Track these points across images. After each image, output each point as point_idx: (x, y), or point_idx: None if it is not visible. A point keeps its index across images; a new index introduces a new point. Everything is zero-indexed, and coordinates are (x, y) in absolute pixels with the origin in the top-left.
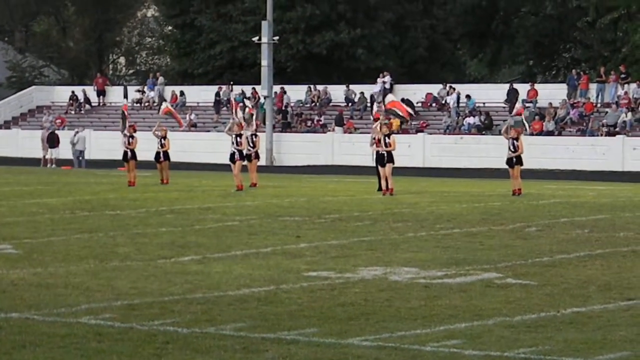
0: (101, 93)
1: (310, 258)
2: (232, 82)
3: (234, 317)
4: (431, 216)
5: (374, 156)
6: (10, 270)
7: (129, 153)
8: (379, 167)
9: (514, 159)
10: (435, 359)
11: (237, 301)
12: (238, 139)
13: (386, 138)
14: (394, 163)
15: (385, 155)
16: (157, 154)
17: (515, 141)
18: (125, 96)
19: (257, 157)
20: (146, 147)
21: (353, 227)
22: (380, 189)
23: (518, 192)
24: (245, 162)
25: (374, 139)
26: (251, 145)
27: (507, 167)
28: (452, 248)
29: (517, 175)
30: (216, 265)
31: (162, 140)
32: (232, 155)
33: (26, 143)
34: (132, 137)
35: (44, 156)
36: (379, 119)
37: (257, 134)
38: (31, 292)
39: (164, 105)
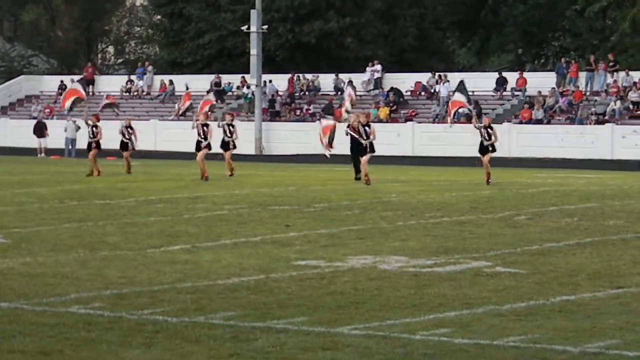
0: (90, 82)
1: (300, 247)
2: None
3: (224, 306)
4: (420, 205)
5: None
6: None
7: (93, 144)
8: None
9: (489, 147)
10: (425, 347)
11: (226, 290)
12: (204, 128)
13: (366, 128)
14: (374, 152)
15: (367, 146)
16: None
17: (489, 129)
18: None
19: (234, 146)
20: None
21: (342, 216)
22: (358, 178)
23: (488, 179)
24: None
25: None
26: (229, 134)
27: (479, 155)
28: (441, 237)
29: (487, 163)
30: (206, 255)
31: (94, 129)
32: (198, 144)
33: (15, 132)
34: (96, 127)
35: (40, 145)
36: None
37: (234, 124)
38: (20, 282)
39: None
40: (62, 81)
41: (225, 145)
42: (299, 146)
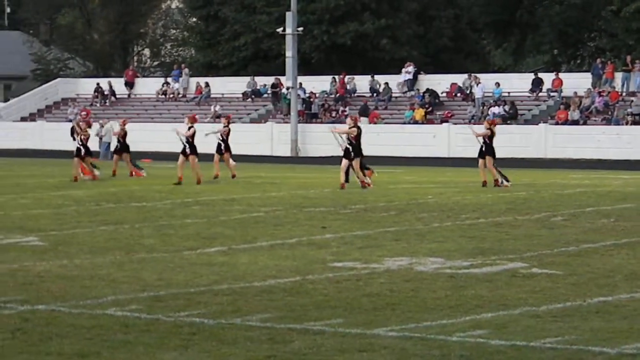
0: (130, 85)
1: (336, 249)
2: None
3: (260, 308)
4: (457, 206)
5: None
6: (37, 262)
7: (83, 150)
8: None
9: (485, 150)
10: (462, 349)
11: (263, 292)
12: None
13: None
14: (359, 157)
15: (350, 149)
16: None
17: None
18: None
19: (228, 149)
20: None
21: (378, 218)
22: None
23: (484, 184)
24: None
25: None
26: (221, 138)
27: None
28: (477, 238)
29: (490, 166)
30: (242, 256)
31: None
32: (184, 149)
33: (51, 135)
34: (86, 132)
35: None
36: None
37: (229, 126)
38: (57, 284)
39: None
40: (98, 84)
41: (218, 148)
42: (334, 148)
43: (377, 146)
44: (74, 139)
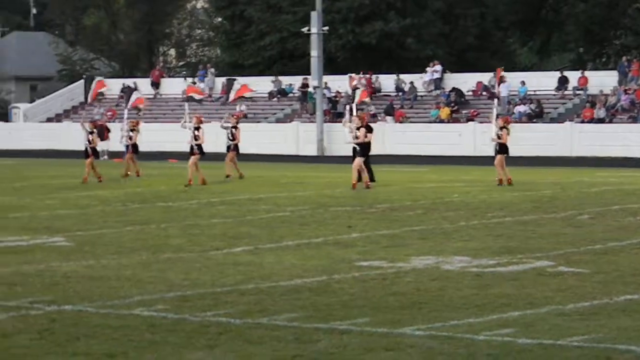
0: (155, 85)
1: (362, 248)
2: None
3: (287, 308)
4: (483, 205)
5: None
6: (63, 262)
7: (90, 150)
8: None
9: (498, 147)
10: (489, 347)
11: (289, 291)
12: (196, 132)
13: (356, 131)
14: (364, 157)
15: (358, 148)
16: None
17: (500, 130)
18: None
19: (236, 149)
20: (212, 139)
21: (404, 217)
22: (372, 180)
23: (508, 182)
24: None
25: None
26: (231, 137)
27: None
28: (504, 236)
29: (502, 164)
30: (268, 256)
31: (91, 135)
32: (191, 148)
33: (77, 136)
34: (93, 132)
35: (102, 148)
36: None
37: (238, 126)
38: (84, 285)
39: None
40: (123, 84)
41: (228, 148)
42: None
43: (403, 145)
44: (101, 140)
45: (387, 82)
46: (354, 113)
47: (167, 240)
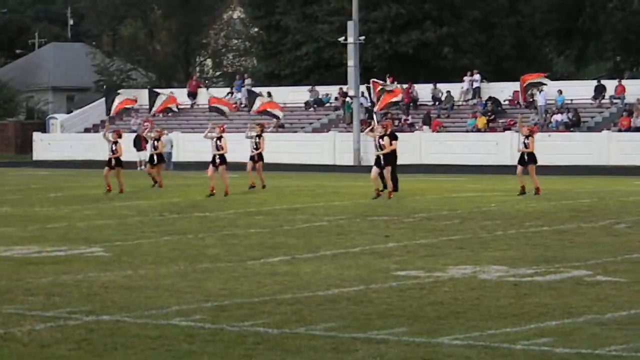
0: (192, 95)
1: (400, 257)
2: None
3: (324, 317)
4: (520, 214)
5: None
6: (101, 272)
7: (114, 160)
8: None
9: (526, 157)
10: (526, 357)
11: (326, 301)
12: (218, 142)
13: (380, 140)
14: (391, 165)
15: (382, 158)
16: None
17: (526, 139)
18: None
19: (261, 158)
20: (238, 149)
21: (442, 226)
22: (384, 188)
23: (537, 191)
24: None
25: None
26: (254, 147)
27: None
28: (541, 246)
29: (532, 173)
30: (305, 266)
31: (115, 145)
32: (213, 158)
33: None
34: (117, 142)
35: (140, 158)
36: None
37: (262, 135)
38: (122, 295)
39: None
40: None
41: (251, 157)
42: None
43: (440, 154)
44: (138, 150)
45: (423, 91)
46: (375, 121)
47: (205, 250)
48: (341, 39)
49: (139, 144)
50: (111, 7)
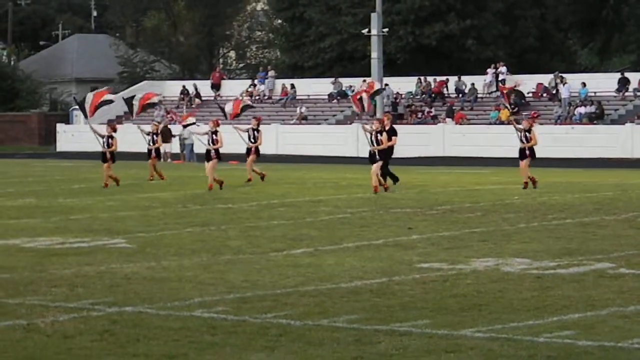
0: (216, 87)
1: (422, 250)
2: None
3: (347, 309)
4: (543, 207)
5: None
6: (124, 264)
7: (108, 154)
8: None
9: (526, 151)
10: (549, 349)
11: (349, 293)
12: (214, 136)
13: (378, 135)
14: (383, 160)
15: (377, 153)
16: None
17: (527, 133)
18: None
19: (257, 152)
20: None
21: (465, 219)
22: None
23: (533, 183)
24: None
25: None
26: (253, 140)
27: (518, 158)
28: (564, 238)
29: (525, 167)
30: (328, 258)
31: (110, 139)
32: (208, 153)
33: (138, 138)
34: (112, 137)
35: (164, 150)
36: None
37: (260, 129)
38: (144, 286)
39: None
40: (183, 86)
41: (247, 150)
42: (420, 149)
43: (463, 147)
44: (164, 142)
45: (448, 84)
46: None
47: (227, 242)
48: (364, 31)
49: (166, 136)
50: None
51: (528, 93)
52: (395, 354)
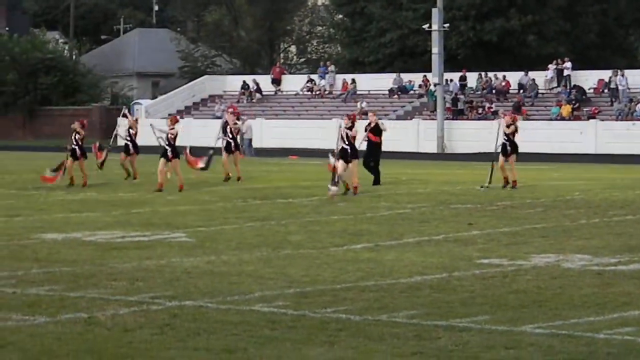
0: (276, 82)
1: (483, 245)
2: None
3: (407, 305)
4: (604, 203)
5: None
6: (184, 258)
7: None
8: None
9: (508, 147)
10: (609, 346)
11: (409, 289)
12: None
13: (347, 131)
14: (358, 159)
15: (349, 150)
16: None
17: (507, 128)
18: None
19: (237, 148)
20: (311, 136)
21: (525, 214)
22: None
23: (513, 184)
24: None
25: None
26: (231, 136)
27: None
28: (625, 235)
29: (512, 165)
30: (388, 253)
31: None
32: (228, 145)
33: (199, 132)
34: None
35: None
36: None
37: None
38: (205, 280)
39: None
40: (244, 81)
41: (227, 146)
42: (480, 144)
43: (523, 142)
44: (225, 136)
45: (510, 79)
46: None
47: (288, 237)
48: (425, 26)
49: (226, 130)
50: None
51: (589, 89)
52: (455, 349)
